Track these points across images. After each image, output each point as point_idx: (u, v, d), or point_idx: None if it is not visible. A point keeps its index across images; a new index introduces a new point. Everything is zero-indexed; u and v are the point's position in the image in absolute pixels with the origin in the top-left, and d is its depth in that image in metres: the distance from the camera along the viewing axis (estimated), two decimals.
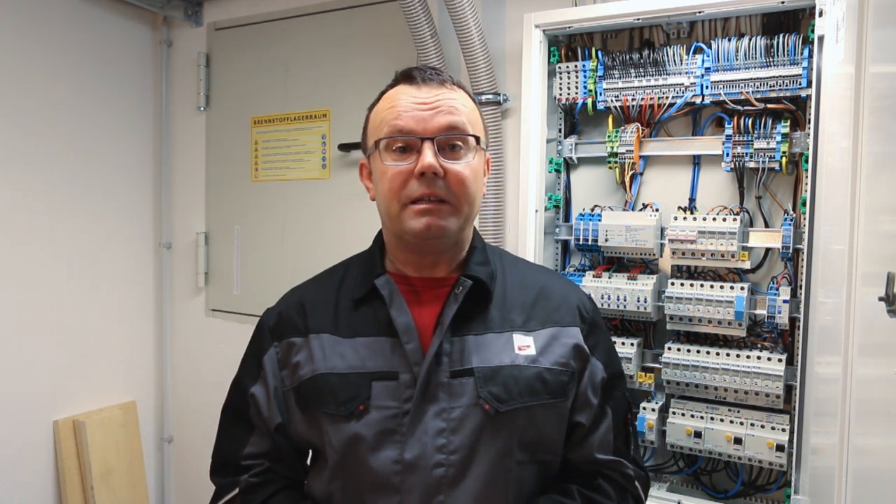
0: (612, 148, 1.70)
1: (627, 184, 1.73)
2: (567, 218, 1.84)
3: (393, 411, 0.98)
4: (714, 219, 1.57)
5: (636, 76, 1.67)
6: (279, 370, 1.07)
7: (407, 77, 1.04)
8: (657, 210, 1.67)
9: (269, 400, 1.06)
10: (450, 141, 1.00)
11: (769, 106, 1.54)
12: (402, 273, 1.07)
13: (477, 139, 1.03)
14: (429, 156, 0.97)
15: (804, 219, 1.45)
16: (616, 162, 1.71)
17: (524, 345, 1.03)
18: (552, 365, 1.03)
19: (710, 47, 1.59)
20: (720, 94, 1.58)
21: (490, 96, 1.86)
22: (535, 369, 1.01)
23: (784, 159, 1.53)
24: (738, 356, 1.55)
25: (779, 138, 1.52)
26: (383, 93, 1.07)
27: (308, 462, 1.14)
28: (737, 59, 1.55)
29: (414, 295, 1.06)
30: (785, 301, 1.51)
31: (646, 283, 1.65)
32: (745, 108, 1.56)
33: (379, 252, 1.10)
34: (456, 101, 1.02)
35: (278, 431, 1.06)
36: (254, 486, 1.06)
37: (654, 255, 1.65)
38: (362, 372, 1.00)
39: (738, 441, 1.54)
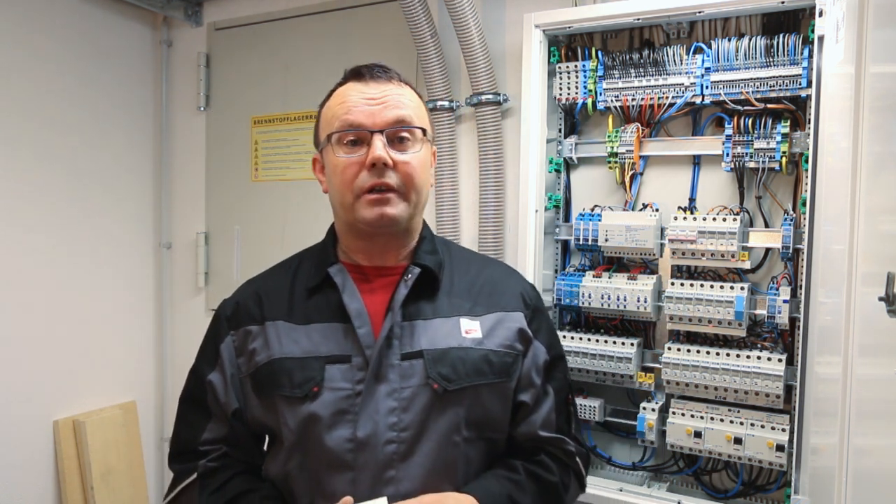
0: (612, 148, 1.70)
1: (627, 184, 1.73)
2: (567, 218, 1.84)
3: (346, 392, 1.04)
4: (714, 219, 1.57)
5: (636, 76, 1.67)
6: (236, 357, 1.12)
7: (356, 74, 1.12)
8: (657, 210, 1.67)
9: (226, 386, 1.11)
10: (398, 133, 1.06)
11: (769, 106, 1.54)
12: (354, 262, 1.14)
13: (423, 131, 1.09)
14: (379, 148, 1.03)
15: (804, 219, 1.45)
16: (616, 162, 1.71)
17: (471, 328, 1.09)
18: (497, 347, 1.10)
19: (710, 47, 1.59)
20: (720, 94, 1.58)
21: (490, 96, 1.86)
22: (481, 351, 1.08)
23: (784, 159, 1.53)
24: (738, 356, 1.55)
25: (779, 138, 1.52)
26: (333, 90, 1.13)
27: (265, 447, 1.18)
28: (737, 59, 1.55)
29: (366, 282, 1.12)
30: (785, 301, 1.51)
31: (646, 283, 1.65)
32: (745, 108, 1.56)
33: (332, 243, 1.16)
34: (403, 96, 1.09)
35: (235, 417, 1.10)
36: (212, 471, 1.10)
37: (654, 255, 1.65)
38: (317, 356, 1.06)
39: (738, 441, 1.54)
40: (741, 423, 1.55)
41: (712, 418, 1.58)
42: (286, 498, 1.09)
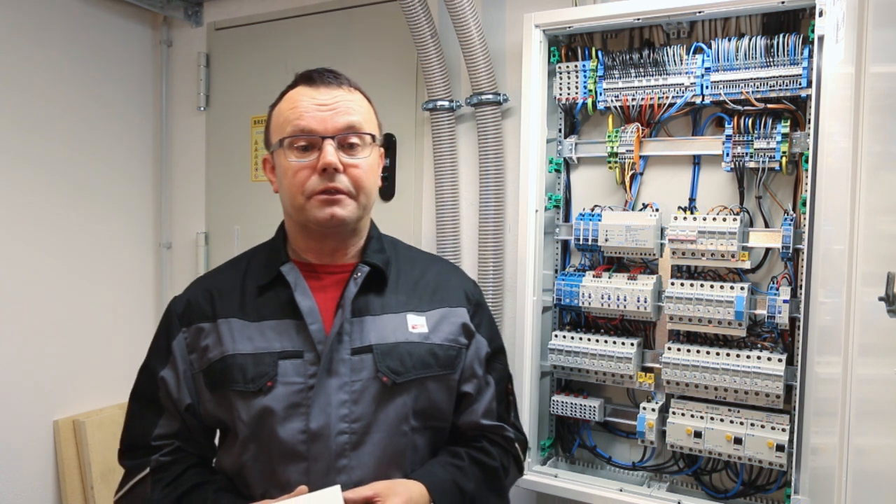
0: (612, 148, 1.70)
1: (627, 184, 1.73)
2: (567, 218, 1.84)
3: (299, 386, 1.08)
4: (714, 219, 1.57)
5: (636, 76, 1.67)
6: (188, 354, 1.15)
7: (307, 79, 1.14)
8: (657, 210, 1.67)
9: (178, 382, 1.13)
10: (347, 139, 1.10)
11: (769, 106, 1.54)
12: (304, 261, 1.17)
13: (373, 137, 1.14)
14: (330, 153, 1.07)
15: (804, 219, 1.45)
16: (616, 162, 1.71)
17: (417, 324, 1.16)
18: (442, 341, 1.17)
19: (710, 47, 1.59)
20: (720, 94, 1.58)
21: (490, 96, 1.86)
22: (427, 345, 1.15)
23: (784, 159, 1.53)
24: (738, 356, 1.55)
25: (779, 138, 1.52)
26: (284, 93, 1.16)
27: (217, 441, 1.21)
28: (737, 59, 1.55)
29: (316, 280, 1.16)
30: (785, 301, 1.51)
31: (646, 283, 1.65)
32: (745, 108, 1.56)
33: (282, 242, 1.19)
34: (353, 102, 1.13)
35: (188, 411, 1.13)
36: (165, 465, 1.13)
37: (654, 255, 1.65)
38: (270, 352, 1.10)
39: (738, 441, 1.54)
40: (741, 423, 1.55)
41: (712, 418, 1.58)
42: (240, 489, 1.13)
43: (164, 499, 1.10)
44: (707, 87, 1.59)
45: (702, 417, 1.59)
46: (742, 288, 1.55)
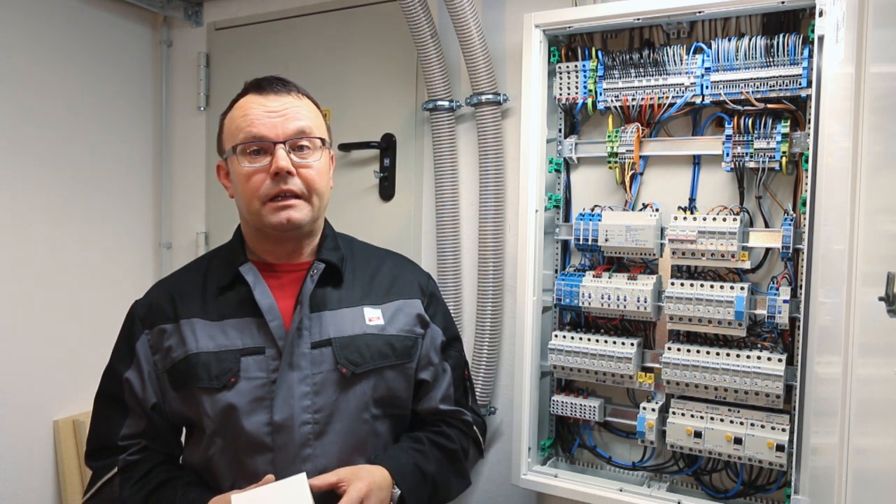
0: (612, 148, 1.70)
1: (627, 184, 1.73)
2: (567, 218, 1.84)
3: (262, 381, 1.13)
4: (714, 219, 1.57)
5: (636, 76, 1.67)
6: (151, 355, 1.19)
7: (256, 87, 1.18)
8: (657, 210, 1.67)
9: (143, 382, 1.17)
10: (298, 143, 1.15)
11: (769, 106, 1.54)
12: (262, 261, 1.22)
13: (322, 140, 1.19)
14: (282, 157, 1.12)
15: (804, 219, 1.45)
16: (616, 162, 1.71)
17: (374, 316, 1.22)
18: (398, 332, 1.23)
19: (710, 47, 1.59)
20: (720, 94, 1.58)
21: (490, 96, 1.87)
22: (384, 336, 1.21)
23: (784, 159, 1.53)
24: (738, 356, 1.55)
25: (779, 138, 1.52)
26: (234, 102, 1.19)
27: (183, 438, 1.25)
28: (737, 59, 1.55)
29: (275, 278, 1.21)
30: (785, 301, 1.51)
31: (646, 283, 1.65)
32: (745, 108, 1.56)
33: (239, 243, 1.25)
34: (302, 108, 1.17)
35: (154, 410, 1.17)
36: (132, 464, 1.16)
37: (654, 255, 1.65)
38: (232, 349, 1.14)
39: (738, 441, 1.54)
40: (741, 423, 1.55)
41: (712, 418, 1.58)
42: (208, 482, 1.17)
43: (133, 496, 1.13)
44: (707, 87, 1.59)
45: (702, 417, 1.59)
46: (742, 288, 1.55)
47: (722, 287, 1.56)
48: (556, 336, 1.76)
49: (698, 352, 1.59)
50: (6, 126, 2.09)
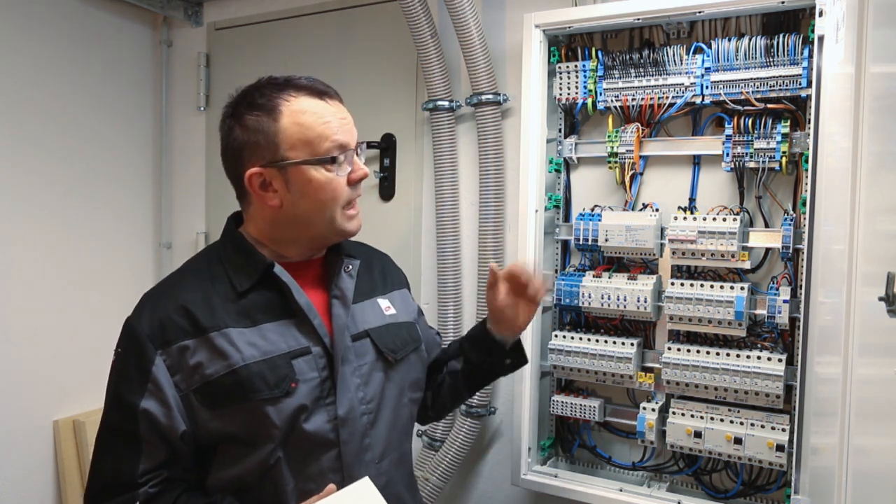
0: (612, 148, 1.70)
1: (627, 184, 1.73)
2: (567, 218, 1.84)
3: (317, 380, 1.11)
4: (714, 219, 1.57)
5: (636, 76, 1.67)
6: (171, 377, 1.07)
7: (314, 91, 1.13)
8: (657, 210, 1.67)
9: (168, 410, 1.05)
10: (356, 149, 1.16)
11: (769, 106, 1.54)
12: (284, 259, 1.18)
13: None
14: (363, 165, 1.14)
15: (804, 219, 1.45)
16: (616, 162, 1.71)
17: (387, 306, 1.25)
18: (407, 318, 1.27)
19: (710, 47, 1.59)
20: (720, 94, 1.58)
21: (490, 96, 1.86)
22: (402, 323, 1.25)
23: (784, 159, 1.53)
24: (738, 356, 1.55)
25: (779, 138, 1.52)
26: (275, 104, 1.09)
27: (212, 457, 1.13)
28: (737, 59, 1.55)
29: (297, 277, 1.17)
30: (785, 301, 1.51)
31: (646, 283, 1.65)
32: (745, 108, 1.56)
33: (250, 246, 1.17)
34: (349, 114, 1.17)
35: (182, 439, 1.06)
36: (154, 496, 1.06)
37: (654, 255, 1.65)
38: (280, 354, 1.10)
39: (738, 441, 1.54)
40: (741, 423, 1.55)
41: (712, 418, 1.58)
42: (260, 496, 1.10)
43: None
44: (707, 87, 1.59)
45: (702, 417, 1.59)
46: (742, 288, 1.55)
47: (722, 287, 1.56)
48: (555, 336, 1.76)
49: (698, 352, 1.59)
50: (6, 126, 2.09)
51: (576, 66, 1.73)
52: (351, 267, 1.21)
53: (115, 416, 1.09)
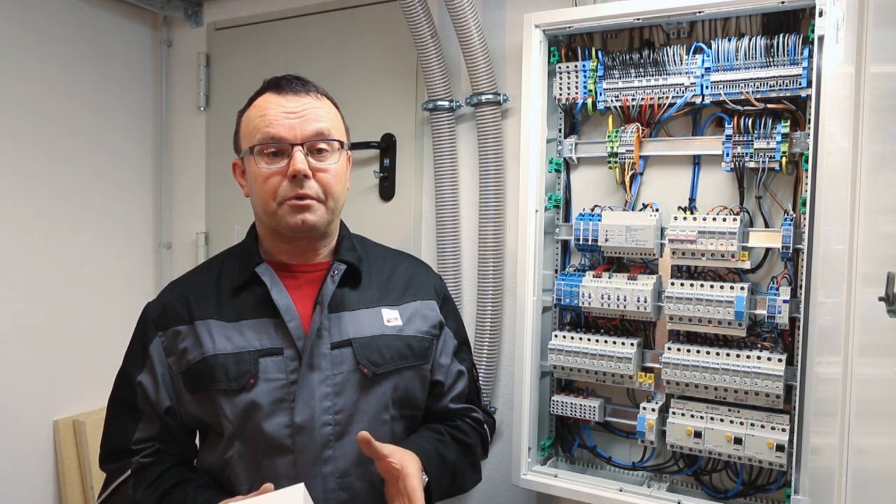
0: (612, 148, 1.70)
1: (627, 184, 1.73)
2: (567, 218, 1.84)
3: (280, 382, 1.12)
4: (714, 219, 1.57)
5: (636, 76, 1.67)
6: (165, 357, 1.17)
7: (275, 86, 1.16)
8: (657, 210, 1.67)
9: (156, 386, 1.15)
10: (316, 146, 1.14)
11: (769, 106, 1.54)
12: (278, 261, 1.21)
13: (341, 143, 1.17)
14: (300, 160, 1.11)
15: (804, 219, 1.45)
16: (616, 162, 1.71)
17: (392, 317, 1.21)
18: (416, 333, 1.23)
19: (710, 47, 1.59)
20: (720, 94, 1.58)
21: (490, 96, 1.87)
22: (402, 337, 1.20)
23: (784, 159, 1.53)
24: (738, 356, 1.55)
25: (779, 138, 1.52)
26: (252, 99, 1.18)
27: (197, 441, 1.24)
28: (737, 59, 1.55)
29: (291, 280, 1.20)
30: (785, 301, 1.51)
31: (646, 283, 1.65)
32: (745, 108, 1.56)
33: (254, 243, 1.24)
34: (321, 109, 1.15)
35: (168, 414, 1.15)
36: (145, 466, 1.15)
37: (654, 255, 1.65)
38: (250, 350, 1.13)
39: (738, 441, 1.54)
40: (741, 423, 1.55)
41: (712, 418, 1.58)
42: (224, 486, 1.15)
43: (146, 498, 1.12)
44: (707, 87, 1.59)
45: (702, 417, 1.59)
46: (742, 288, 1.55)
47: (722, 287, 1.56)
48: (556, 336, 1.76)
49: (698, 352, 1.59)
50: (6, 126, 2.09)
51: (576, 66, 1.73)
52: (336, 273, 1.19)
53: (119, 387, 1.21)
